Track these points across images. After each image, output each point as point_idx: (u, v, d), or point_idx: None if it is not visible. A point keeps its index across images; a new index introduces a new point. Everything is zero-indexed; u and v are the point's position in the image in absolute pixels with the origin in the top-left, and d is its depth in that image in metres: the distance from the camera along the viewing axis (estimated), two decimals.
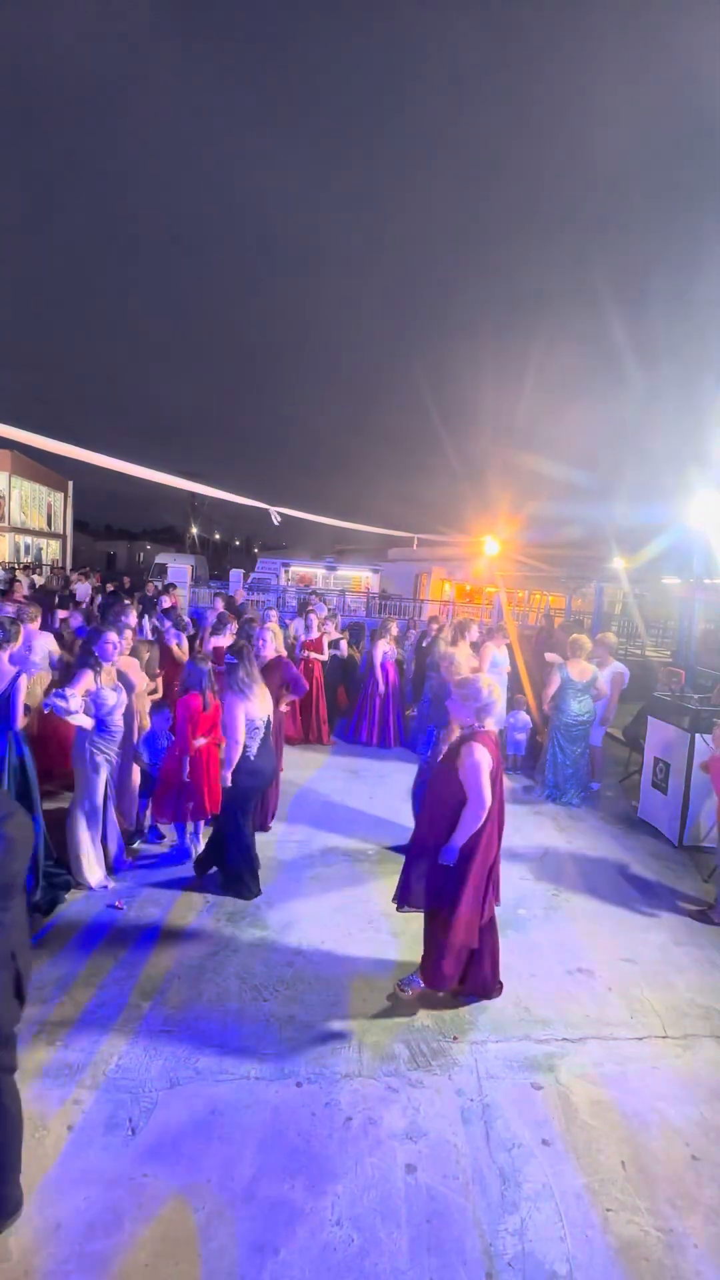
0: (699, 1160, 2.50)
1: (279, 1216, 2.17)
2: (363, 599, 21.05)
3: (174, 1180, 2.26)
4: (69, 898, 3.96)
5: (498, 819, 3.09)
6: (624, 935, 4.03)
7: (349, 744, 7.78)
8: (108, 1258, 2.01)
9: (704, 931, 4.14)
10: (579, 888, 4.61)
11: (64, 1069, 2.69)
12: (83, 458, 6.05)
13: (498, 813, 3.08)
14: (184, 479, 8.63)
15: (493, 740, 3.07)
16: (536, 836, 5.46)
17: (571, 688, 6.17)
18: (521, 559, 17.70)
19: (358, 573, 24.05)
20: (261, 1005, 3.15)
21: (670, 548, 9.31)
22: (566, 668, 6.19)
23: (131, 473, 6.71)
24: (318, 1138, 2.46)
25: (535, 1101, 2.71)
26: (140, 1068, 2.72)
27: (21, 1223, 2.08)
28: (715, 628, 14.53)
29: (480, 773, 2.94)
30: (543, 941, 3.89)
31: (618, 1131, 2.60)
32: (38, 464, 26.52)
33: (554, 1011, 3.27)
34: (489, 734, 3.07)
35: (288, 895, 4.17)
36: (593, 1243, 2.17)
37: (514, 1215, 2.23)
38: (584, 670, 6.22)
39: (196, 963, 3.43)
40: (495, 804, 3.02)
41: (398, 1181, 2.32)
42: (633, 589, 14.52)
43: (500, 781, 3.07)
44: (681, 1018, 3.30)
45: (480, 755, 2.96)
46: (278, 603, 17.75)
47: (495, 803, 3.01)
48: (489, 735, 3.07)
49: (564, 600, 17.40)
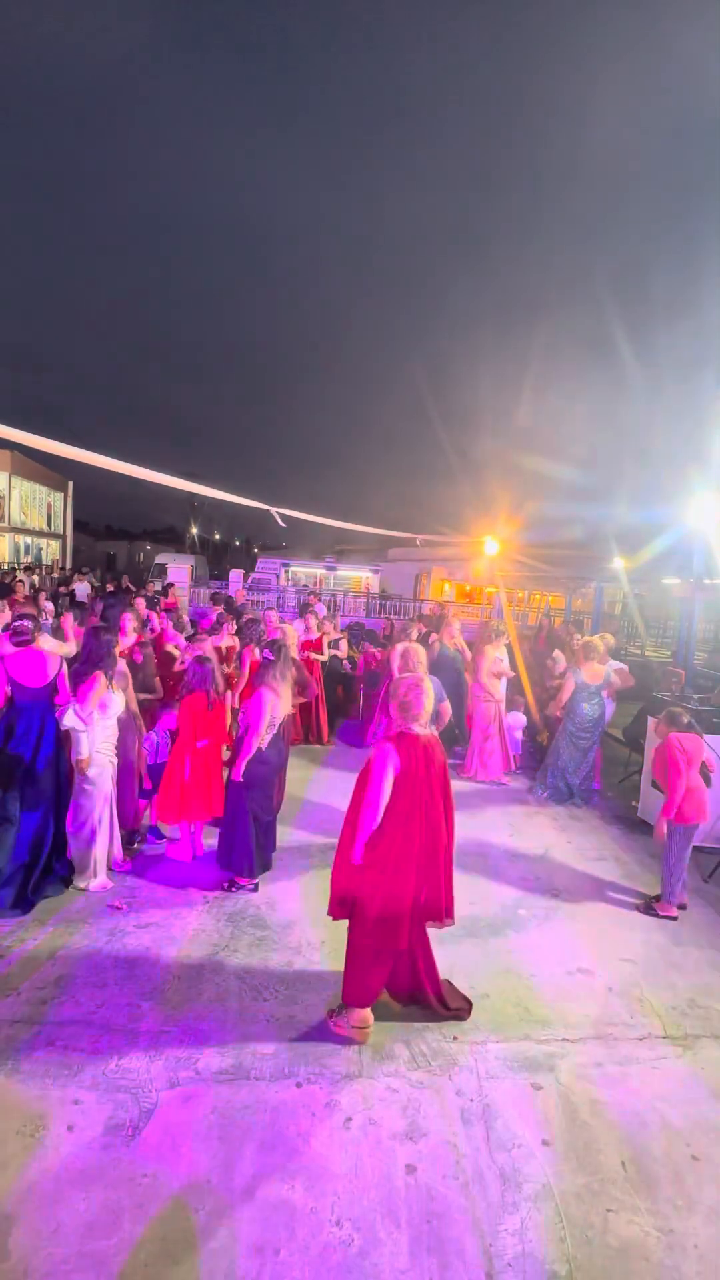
0: (699, 1160, 2.50)
1: (279, 1216, 2.17)
2: (362, 599, 21.05)
3: (174, 1180, 2.26)
4: (69, 898, 3.97)
5: (423, 820, 2.88)
6: (624, 935, 4.03)
7: (350, 746, 7.77)
8: (107, 1258, 2.01)
9: (704, 931, 4.14)
10: (579, 888, 4.61)
11: (64, 1069, 2.69)
12: (83, 458, 6.04)
13: (422, 813, 2.88)
14: (184, 479, 8.63)
15: (418, 742, 2.90)
16: (536, 836, 5.46)
17: (584, 690, 6.19)
18: (521, 559, 17.70)
19: (357, 573, 24.05)
20: (261, 1005, 3.15)
21: (670, 548, 9.31)
22: (580, 671, 6.20)
23: (131, 473, 6.71)
24: (318, 1138, 2.46)
25: (535, 1101, 2.71)
26: (140, 1068, 2.72)
27: (22, 1223, 2.08)
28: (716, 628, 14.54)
29: (376, 774, 2.83)
30: (543, 941, 3.89)
31: (618, 1132, 2.60)
32: (38, 464, 26.51)
33: (554, 1011, 3.27)
34: (412, 736, 2.91)
35: (288, 895, 4.17)
36: (593, 1243, 2.16)
37: (514, 1215, 2.23)
38: (596, 673, 6.22)
39: (196, 963, 3.43)
40: (417, 805, 2.86)
41: (398, 1181, 2.32)
42: (633, 589, 14.52)
43: (426, 783, 2.88)
44: (681, 1018, 3.30)
45: (384, 755, 2.84)
46: (277, 602, 17.75)
47: (417, 804, 2.86)
48: (412, 737, 2.90)
49: (564, 600, 17.41)
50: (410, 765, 2.87)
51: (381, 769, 2.86)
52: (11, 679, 3.94)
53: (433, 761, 2.93)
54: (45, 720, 3.98)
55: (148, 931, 3.68)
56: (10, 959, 3.36)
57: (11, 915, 3.72)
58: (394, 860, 2.87)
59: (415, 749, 2.90)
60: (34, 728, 3.94)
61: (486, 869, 4.79)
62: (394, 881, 2.87)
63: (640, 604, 15.57)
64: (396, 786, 2.86)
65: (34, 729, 3.94)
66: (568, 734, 6.28)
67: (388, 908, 2.89)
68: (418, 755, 2.89)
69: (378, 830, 2.87)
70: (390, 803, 2.87)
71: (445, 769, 3.00)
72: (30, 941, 3.52)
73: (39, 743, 3.93)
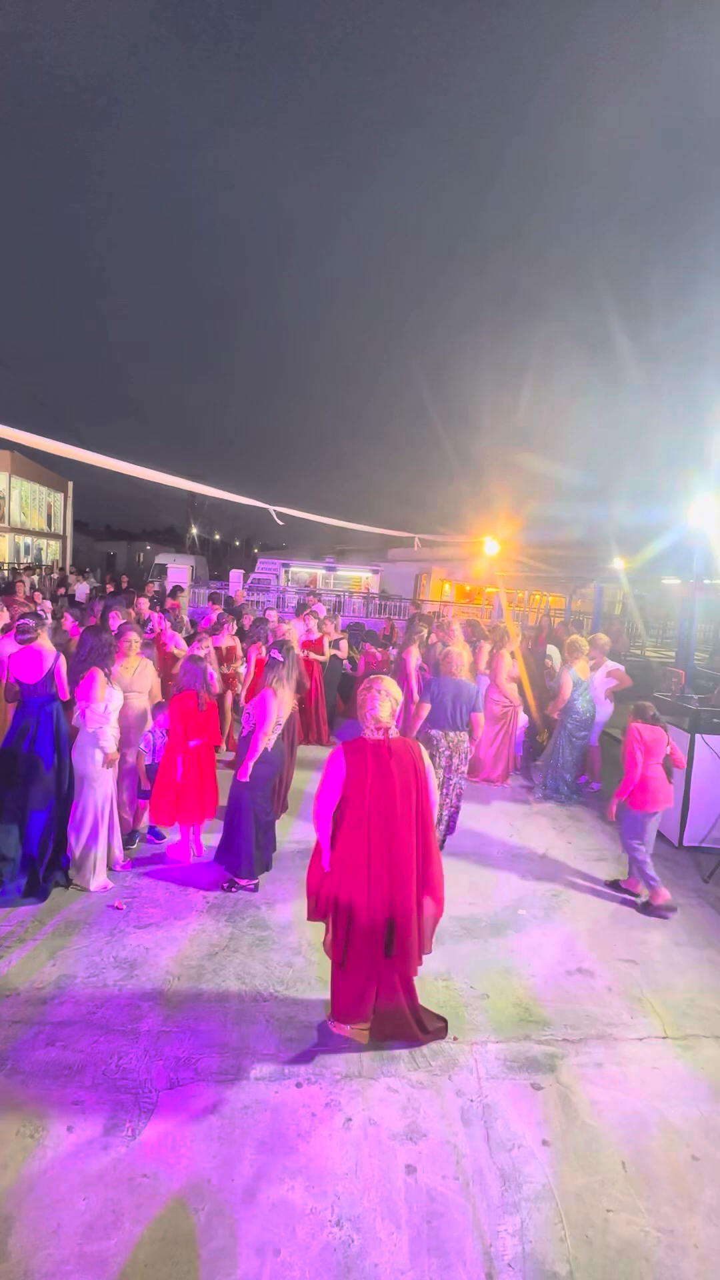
0: (699, 1161, 2.50)
1: (279, 1216, 2.17)
2: (362, 599, 21.05)
3: (174, 1180, 2.26)
4: (70, 898, 3.97)
5: (380, 828, 2.77)
6: (624, 935, 4.03)
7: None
8: (107, 1258, 2.01)
9: (704, 931, 4.14)
10: (579, 888, 4.61)
11: (64, 1069, 2.69)
12: (83, 458, 6.05)
13: (379, 821, 2.77)
14: (184, 479, 8.63)
15: (366, 748, 2.81)
16: (536, 836, 5.46)
17: (579, 687, 6.25)
18: (521, 559, 17.69)
19: (357, 573, 24.04)
20: (261, 1005, 3.15)
21: (670, 548, 9.31)
22: (574, 669, 6.23)
23: (131, 473, 6.71)
24: (318, 1138, 2.46)
25: (535, 1102, 2.71)
26: (140, 1068, 2.72)
27: (22, 1223, 2.08)
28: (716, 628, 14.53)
29: (321, 781, 2.82)
30: (543, 941, 3.89)
31: (618, 1132, 2.59)
32: (38, 464, 26.52)
33: (554, 1012, 3.27)
34: (360, 741, 2.84)
35: (288, 895, 4.17)
36: (593, 1243, 2.16)
37: (514, 1216, 2.23)
38: (584, 669, 6.32)
39: (196, 963, 3.43)
40: (371, 813, 2.76)
41: (398, 1182, 2.32)
42: (633, 589, 14.51)
43: (379, 790, 2.77)
44: (682, 1018, 3.30)
45: (329, 762, 2.82)
46: (278, 603, 17.75)
47: (369, 812, 2.76)
48: (359, 743, 2.83)
49: (564, 600, 17.40)
50: (357, 773, 2.77)
51: (325, 775, 2.81)
52: (15, 677, 4.10)
53: (387, 768, 2.78)
54: (42, 713, 4.09)
55: (148, 931, 3.68)
56: (10, 959, 3.36)
57: (27, 903, 3.84)
58: (348, 867, 2.79)
59: (364, 755, 2.79)
60: (31, 722, 4.08)
61: (486, 869, 4.80)
62: (350, 888, 2.79)
63: (640, 604, 15.56)
64: (345, 794, 2.78)
65: (32, 723, 4.07)
66: (566, 732, 6.29)
67: (350, 915, 2.81)
68: (366, 762, 2.78)
69: (337, 837, 2.83)
70: (341, 809, 2.81)
71: (415, 774, 2.82)
72: (30, 941, 3.52)
73: (36, 735, 4.07)
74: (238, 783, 4.10)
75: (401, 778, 2.79)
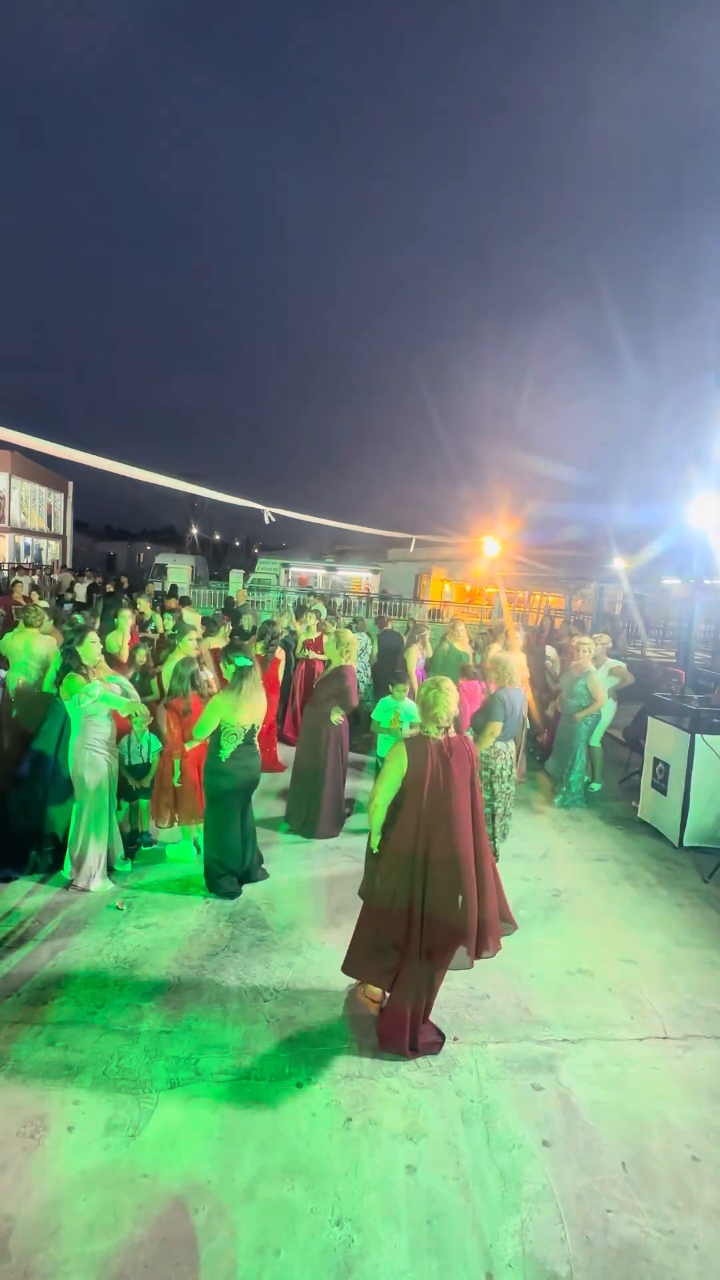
0: (700, 1161, 2.50)
1: (279, 1217, 2.17)
2: (362, 600, 21.05)
3: (174, 1180, 2.26)
4: (70, 898, 3.97)
5: (437, 824, 2.78)
6: (624, 935, 4.03)
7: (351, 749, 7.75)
8: (107, 1258, 2.01)
9: (704, 932, 4.14)
10: (579, 888, 4.61)
11: (64, 1069, 2.69)
12: (83, 460, 6.04)
13: (436, 816, 2.79)
14: (184, 480, 8.62)
15: (428, 743, 2.86)
16: (536, 836, 5.46)
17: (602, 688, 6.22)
18: (521, 559, 17.70)
19: (357, 573, 24.05)
20: (261, 1005, 3.15)
21: (670, 548, 9.32)
22: (599, 672, 6.22)
23: (131, 475, 6.70)
24: (318, 1138, 2.46)
25: (535, 1102, 2.71)
26: (140, 1068, 2.72)
27: (22, 1224, 2.08)
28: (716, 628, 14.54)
29: (383, 772, 2.95)
30: (543, 942, 3.89)
31: (618, 1132, 2.59)
32: (38, 464, 26.53)
33: (554, 1012, 3.27)
34: (423, 737, 2.89)
35: (288, 895, 4.17)
36: (593, 1244, 2.16)
37: (514, 1216, 2.23)
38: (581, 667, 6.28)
39: (196, 963, 3.43)
40: (432, 808, 2.79)
41: (398, 1182, 2.32)
42: (633, 589, 14.52)
43: (440, 787, 2.80)
44: (681, 1018, 3.30)
45: (393, 754, 2.91)
46: (277, 604, 17.74)
47: (430, 807, 2.79)
48: (422, 739, 2.89)
49: (564, 600, 17.40)
50: (418, 768, 2.81)
51: (385, 769, 2.90)
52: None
53: (449, 765, 2.81)
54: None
55: (148, 931, 3.68)
56: (10, 959, 3.36)
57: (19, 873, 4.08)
58: (395, 858, 2.86)
59: (427, 751, 2.83)
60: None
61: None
62: (393, 879, 2.86)
63: (640, 604, 15.57)
64: (405, 787, 2.85)
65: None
66: (585, 737, 6.20)
67: (389, 901, 2.87)
68: (429, 758, 2.81)
69: (391, 825, 2.88)
70: (399, 801, 2.87)
71: (473, 773, 2.87)
72: (31, 941, 3.52)
73: (39, 732, 4.18)
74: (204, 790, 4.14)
75: (460, 776, 2.84)
